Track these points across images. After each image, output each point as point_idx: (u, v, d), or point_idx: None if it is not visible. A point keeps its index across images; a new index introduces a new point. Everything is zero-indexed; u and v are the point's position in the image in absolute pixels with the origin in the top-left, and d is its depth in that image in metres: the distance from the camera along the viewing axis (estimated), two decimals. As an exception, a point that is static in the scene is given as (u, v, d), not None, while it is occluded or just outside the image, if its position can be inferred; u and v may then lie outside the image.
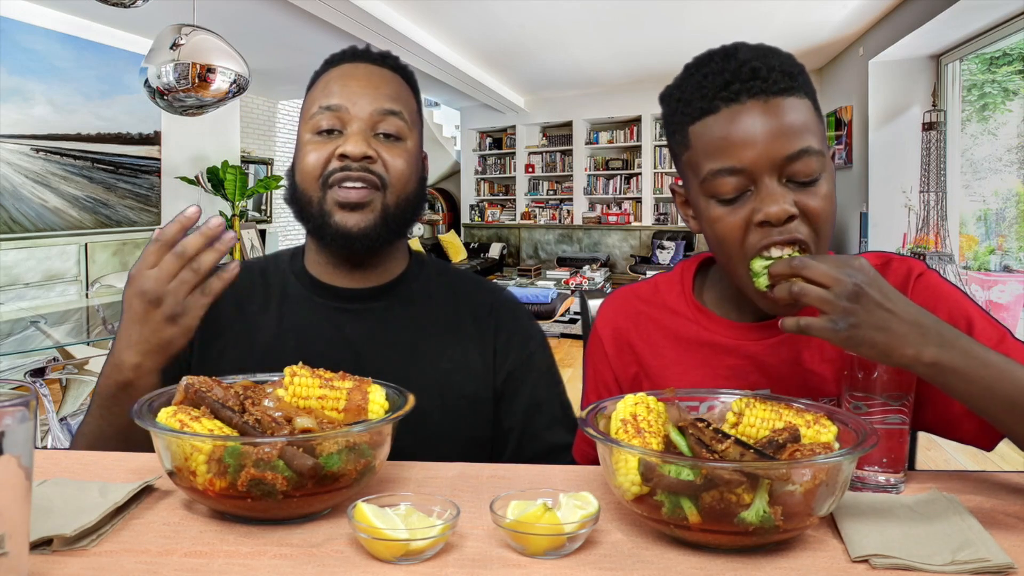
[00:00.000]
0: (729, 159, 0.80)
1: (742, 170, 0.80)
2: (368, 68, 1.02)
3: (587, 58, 7.42)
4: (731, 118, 0.80)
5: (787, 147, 0.79)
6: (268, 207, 7.96)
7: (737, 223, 0.81)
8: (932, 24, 4.81)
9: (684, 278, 1.00)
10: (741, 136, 0.79)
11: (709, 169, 0.82)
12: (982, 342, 0.83)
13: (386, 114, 0.99)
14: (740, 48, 0.83)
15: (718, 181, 0.81)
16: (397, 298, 1.05)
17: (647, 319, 1.00)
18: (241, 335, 1.01)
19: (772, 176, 0.79)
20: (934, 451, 3.43)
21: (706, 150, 0.82)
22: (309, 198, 0.98)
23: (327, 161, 0.96)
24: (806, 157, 0.79)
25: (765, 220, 0.79)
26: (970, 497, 0.74)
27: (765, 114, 0.79)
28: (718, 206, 0.83)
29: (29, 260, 4.82)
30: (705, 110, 0.82)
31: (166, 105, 3.23)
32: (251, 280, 1.06)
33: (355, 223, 0.96)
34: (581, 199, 9.97)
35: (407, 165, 1.00)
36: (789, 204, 0.79)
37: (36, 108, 4.78)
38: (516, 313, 1.11)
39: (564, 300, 6.65)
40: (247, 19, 5.02)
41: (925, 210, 5.33)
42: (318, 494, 0.66)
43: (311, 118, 0.99)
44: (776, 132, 0.79)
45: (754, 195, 0.81)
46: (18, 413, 0.50)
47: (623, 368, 1.00)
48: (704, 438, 0.64)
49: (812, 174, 0.80)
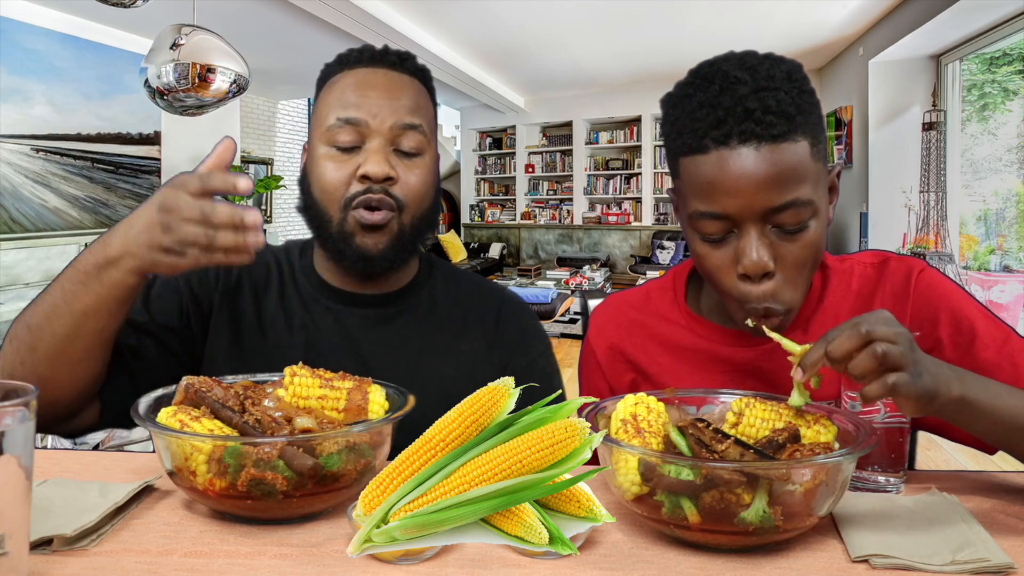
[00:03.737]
0: (714, 204, 0.79)
1: (726, 217, 0.79)
2: (387, 75, 0.99)
3: (587, 58, 7.42)
4: (720, 163, 0.77)
5: (774, 199, 0.76)
6: (268, 207, 7.95)
7: (721, 265, 0.82)
8: (932, 24, 4.81)
9: (676, 285, 1.00)
10: (728, 185, 0.77)
11: (695, 209, 0.81)
12: (986, 342, 0.83)
13: (406, 129, 0.96)
14: (742, 77, 0.78)
15: (703, 222, 0.81)
16: (406, 305, 1.04)
17: (639, 327, 0.99)
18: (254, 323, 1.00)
19: (756, 225, 0.78)
20: (934, 451, 3.43)
21: (693, 189, 0.81)
22: (329, 217, 0.95)
23: (348, 182, 0.94)
24: (793, 208, 0.77)
25: (744, 273, 0.79)
26: (970, 497, 0.74)
27: (755, 163, 0.76)
28: (703, 243, 0.83)
29: (29, 260, 4.82)
30: (694, 148, 0.79)
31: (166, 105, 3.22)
32: (268, 270, 1.05)
33: (374, 244, 0.95)
34: (581, 199, 9.97)
35: (424, 183, 0.98)
36: (768, 258, 0.78)
37: (36, 108, 4.78)
38: (521, 318, 1.10)
39: (564, 300, 6.65)
40: (247, 19, 5.02)
41: (925, 210, 5.33)
42: (318, 494, 0.66)
43: (327, 129, 0.95)
44: (764, 183, 0.76)
45: (736, 238, 0.80)
46: (18, 413, 0.50)
47: (617, 377, 1.00)
48: (704, 438, 0.64)
49: (799, 224, 0.78)
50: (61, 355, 0.81)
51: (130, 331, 0.93)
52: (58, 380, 0.82)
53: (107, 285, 0.77)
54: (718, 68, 0.81)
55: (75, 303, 0.79)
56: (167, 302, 0.98)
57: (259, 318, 1.01)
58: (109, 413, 0.92)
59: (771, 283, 0.79)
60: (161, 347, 0.96)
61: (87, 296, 0.78)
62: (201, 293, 1.00)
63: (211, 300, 1.00)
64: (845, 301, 0.91)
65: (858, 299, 0.91)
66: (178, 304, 0.98)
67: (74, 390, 0.84)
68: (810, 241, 0.79)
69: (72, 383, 0.84)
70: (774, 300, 0.80)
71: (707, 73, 0.82)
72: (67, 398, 0.84)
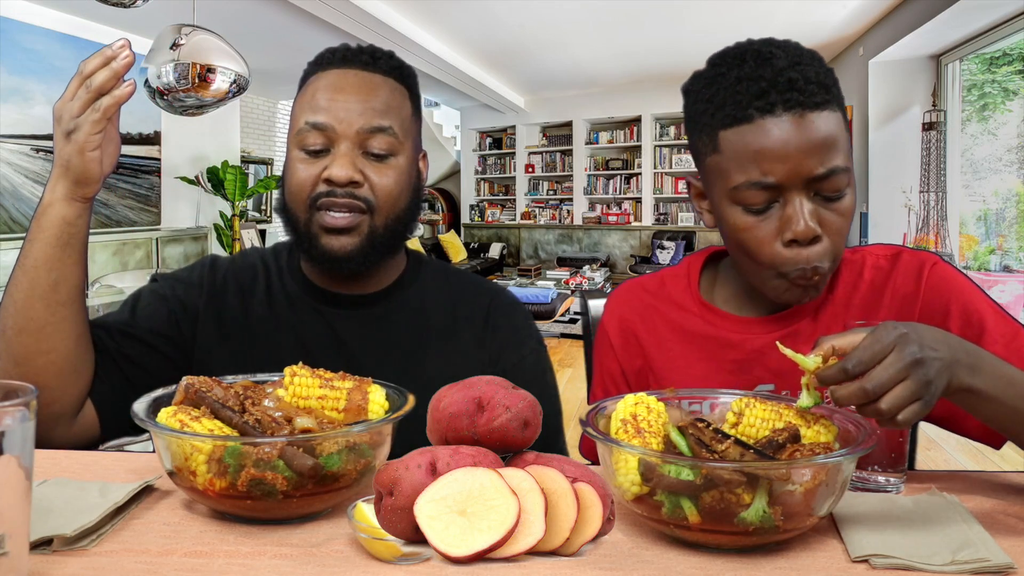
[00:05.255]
0: (762, 173, 0.80)
1: (773, 185, 0.81)
2: (358, 75, 0.98)
3: (587, 58, 7.42)
4: (766, 131, 0.79)
5: (819, 166, 0.79)
6: (268, 207, 7.95)
7: (765, 237, 0.83)
8: (932, 24, 4.81)
9: (691, 273, 1.01)
10: (775, 151, 0.79)
11: (739, 181, 0.82)
12: (995, 336, 0.84)
13: (374, 132, 0.95)
14: (775, 52, 0.81)
15: (749, 192, 0.82)
16: (392, 304, 1.04)
17: (653, 312, 1.01)
18: (241, 325, 1.01)
19: (801, 192, 0.81)
20: (934, 451, 3.43)
21: (738, 159, 0.82)
22: (297, 217, 0.97)
23: (315, 183, 0.95)
24: (834, 176, 0.80)
25: (793, 239, 0.81)
26: (970, 497, 0.74)
27: (800, 129, 0.79)
28: (745, 215, 0.84)
29: (29, 260, 4.82)
30: (739, 118, 0.81)
31: (166, 105, 3.22)
32: (254, 271, 1.05)
33: (340, 246, 0.95)
34: (581, 199, 9.97)
35: (396, 184, 0.97)
36: (815, 223, 0.81)
37: (36, 108, 4.78)
38: (512, 316, 1.09)
39: (564, 300, 6.65)
40: (247, 19, 5.02)
41: (925, 210, 5.34)
42: (318, 494, 0.66)
43: (297, 132, 0.96)
44: (809, 149, 0.79)
45: (780, 208, 0.82)
46: (18, 413, 0.50)
47: (629, 360, 1.01)
48: (704, 438, 0.64)
49: (839, 191, 0.81)
50: (28, 324, 0.83)
51: (123, 339, 0.95)
52: (32, 360, 0.83)
53: (47, 228, 0.82)
54: (746, 48, 0.84)
55: (25, 261, 0.83)
56: (155, 310, 0.99)
57: (246, 318, 1.01)
58: (109, 422, 0.93)
59: (819, 246, 0.82)
60: (154, 352, 0.97)
61: (33, 249, 0.83)
62: (187, 298, 1.01)
63: (196, 304, 1.01)
64: (857, 291, 0.92)
65: (870, 290, 0.92)
66: (166, 310, 0.99)
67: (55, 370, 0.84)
68: (847, 209, 0.83)
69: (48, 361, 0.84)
70: (821, 261, 0.82)
71: (735, 53, 0.84)
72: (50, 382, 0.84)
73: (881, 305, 0.90)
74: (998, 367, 0.70)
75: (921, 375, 0.63)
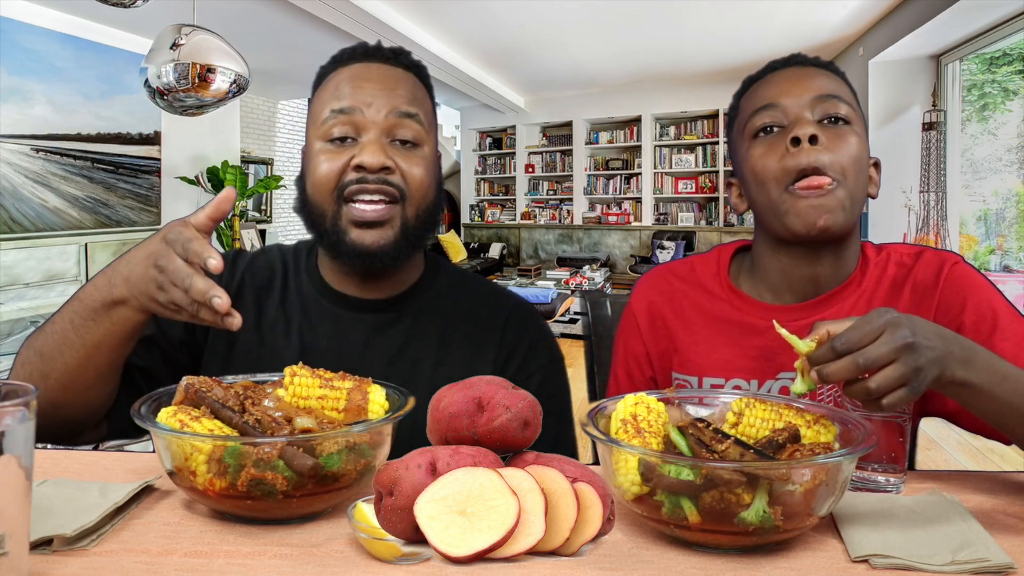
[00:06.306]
0: (768, 99, 0.93)
1: (778, 105, 0.92)
2: (381, 68, 0.96)
3: (587, 58, 7.42)
4: (774, 77, 0.96)
5: (819, 89, 0.91)
6: (268, 207, 7.95)
7: (774, 152, 0.91)
8: (932, 24, 4.81)
9: (720, 259, 1.04)
10: (780, 83, 0.94)
11: (750, 110, 0.94)
12: (1007, 333, 0.85)
13: (403, 117, 0.93)
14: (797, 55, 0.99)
15: (757, 115, 0.93)
16: (409, 310, 1.01)
17: (682, 296, 1.03)
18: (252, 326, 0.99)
19: (803, 109, 0.91)
20: (934, 451, 3.43)
21: (751, 102, 0.96)
22: (323, 211, 0.93)
23: (342, 172, 0.91)
24: (835, 100, 0.91)
25: (795, 137, 0.88)
26: (970, 497, 0.74)
27: (805, 70, 0.95)
28: (758, 144, 0.93)
29: (29, 260, 4.82)
30: (754, 79, 0.98)
31: (166, 105, 3.22)
32: (272, 272, 1.04)
33: (372, 241, 0.91)
34: (581, 199, 9.96)
35: (426, 173, 0.94)
36: (815, 129, 0.88)
37: (36, 108, 4.78)
38: (529, 330, 1.05)
39: (564, 300, 6.65)
40: (247, 19, 5.02)
41: (925, 210, 5.33)
42: (318, 494, 0.66)
43: (322, 123, 0.93)
44: (811, 81, 0.92)
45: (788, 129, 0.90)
46: (18, 413, 0.50)
47: (655, 342, 1.03)
48: (704, 438, 0.64)
49: (840, 114, 0.90)
50: (73, 383, 0.83)
51: (140, 348, 0.93)
52: (70, 403, 0.85)
53: (116, 322, 0.80)
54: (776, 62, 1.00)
55: (86, 336, 0.81)
56: None
57: (258, 323, 1.00)
58: (116, 428, 0.93)
59: (821, 149, 0.87)
60: (169, 363, 0.97)
61: (98, 331, 0.81)
62: None
63: None
64: (880, 286, 0.95)
65: (892, 284, 0.95)
66: None
67: (86, 411, 0.88)
68: (853, 149, 0.89)
69: (84, 405, 0.87)
70: (819, 161, 0.87)
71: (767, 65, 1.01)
72: (79, 417, 0.88)
73: (901, 298, 0.93)
74: (993, 362, 0.71)
75: (911, 360, 0.64)
